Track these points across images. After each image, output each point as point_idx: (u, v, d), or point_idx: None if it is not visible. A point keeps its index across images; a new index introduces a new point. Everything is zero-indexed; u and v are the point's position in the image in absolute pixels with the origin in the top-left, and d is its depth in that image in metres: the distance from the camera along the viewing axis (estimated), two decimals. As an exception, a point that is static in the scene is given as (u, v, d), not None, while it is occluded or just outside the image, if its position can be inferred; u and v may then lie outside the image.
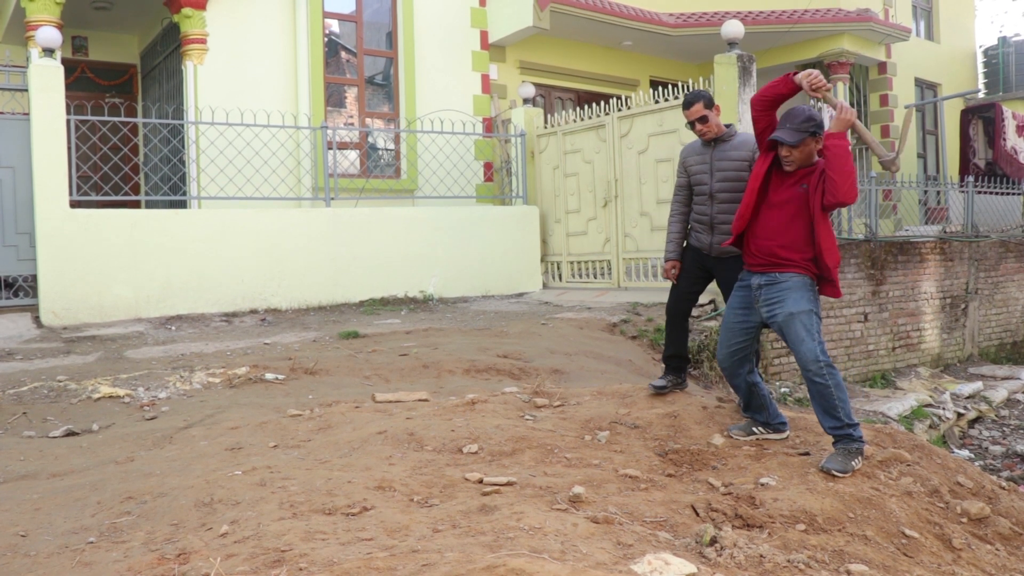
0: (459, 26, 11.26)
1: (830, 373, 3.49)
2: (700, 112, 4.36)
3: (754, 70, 8.12)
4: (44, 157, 7.35)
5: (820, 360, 3.49)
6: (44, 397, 4.91)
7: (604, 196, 9.51)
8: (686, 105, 4.41)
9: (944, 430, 8.12)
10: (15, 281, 7.73)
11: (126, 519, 2.75)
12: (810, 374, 3.52)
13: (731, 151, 4.39)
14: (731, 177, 4.35)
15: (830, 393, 3.48)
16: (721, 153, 4.41)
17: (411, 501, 2.86)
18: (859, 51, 13.66)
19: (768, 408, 3.95)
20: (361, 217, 9.00)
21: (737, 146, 4.39)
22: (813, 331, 3.56)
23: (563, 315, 8.02)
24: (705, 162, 4.45)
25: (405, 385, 5.22)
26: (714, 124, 4.39)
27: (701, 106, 4.36)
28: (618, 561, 2.32)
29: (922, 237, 10.55)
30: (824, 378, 3.48)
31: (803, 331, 3.56)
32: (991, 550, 3.15)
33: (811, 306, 3.60)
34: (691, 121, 4.42)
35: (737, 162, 4.36)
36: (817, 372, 3.48)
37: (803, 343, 3.55)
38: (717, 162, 4.41)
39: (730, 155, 4.39)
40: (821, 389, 3.50)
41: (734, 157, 4.37)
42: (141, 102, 11.48)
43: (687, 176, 4.57)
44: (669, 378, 4.62)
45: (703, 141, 4.49)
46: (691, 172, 4.54)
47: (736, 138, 4.43)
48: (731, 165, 4.37)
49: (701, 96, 4.39)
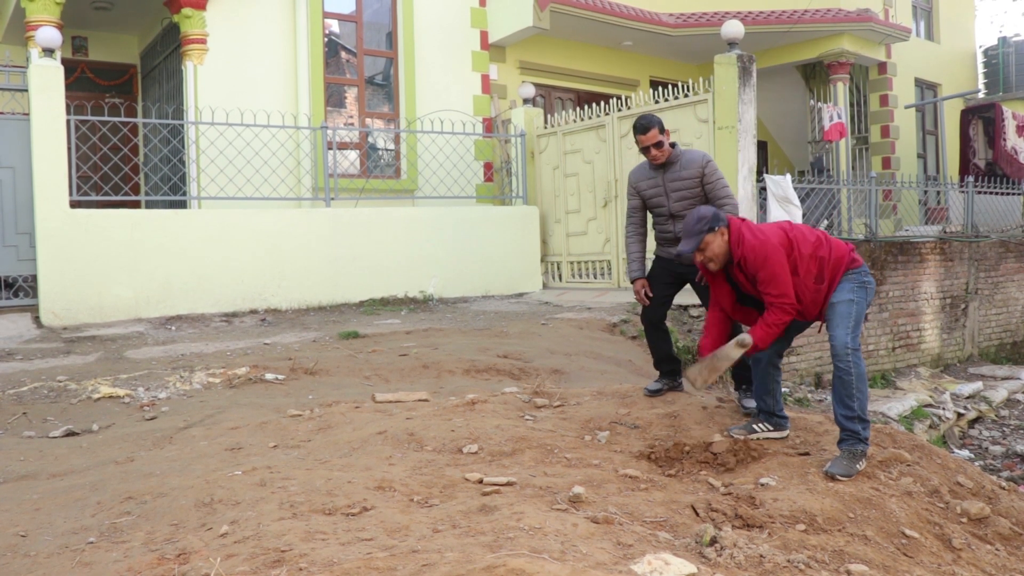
0: (459, 26, 11.26)
1: (856, 361, 3.50)
2: (656, 138, 4.38)
3: (754, 70, 8.13)
4: (44, 157, 7.34)
5: (848, 346, 3.51)
6: (44, 397, 4.91)
7: (604, 196, 9.51)
8: (642, 130, 4.39)
9: (944, 430, 8.12)
10: (15, 281, 7.73)
11: (126, 519, 2.75)
12: (836, 359, 3.54)
13: (682, 171, 4.43)
14: (687, 195, 4.41)
15: (850, 381, 3.48)
16: (673, 175, 4.44)
17: (411, 501, 2.86)
18: (859, 51, 13.66)
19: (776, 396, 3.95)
20: (361, 217, 9.00)
21: (686, 165, 4.43)
22: (849, 319, 3.56)
23: (563, 315, 8.02)
24: (658, 185, 4.49)
25: (405, 385, 5.22)
26: (667, 148, 4.42)
27: (656, 132, 4.37)
28: (618, 561, 2.32)
29: (922, 237, 10.55)
30: (848, 364, 3.49)
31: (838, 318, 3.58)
32: (991, 550, 3.15)
33: (851, 295, 3.61)
34: (645, 146, 4.41)
35: (689, 180, 4.41)
36: (843, 356, 3.50)
37: (836, 328, 3.56)
38: (670, 183, 4.45)
39: (682, 175, 4.42)
40: (843, 375, 3.52)
41: (686, 176, 4.42)
42: (141, 102, 11.48)
43: (640, 199, 4.61)
44: (664, 381, 4.64)
45: (652, 164, 4.50)
46: (645, 195, 4.57)
47: (684, 157, 4.46)
48: (685, 184, 4.42)
49: (655, 122, 4.39)
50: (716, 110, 8.16)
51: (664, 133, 4.41)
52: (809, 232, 3.70)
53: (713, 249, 3.60)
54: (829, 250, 3.64)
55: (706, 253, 3.62)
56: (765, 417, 3.96)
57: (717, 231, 3.59)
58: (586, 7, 11.53)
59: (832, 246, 3.67)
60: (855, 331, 3.56)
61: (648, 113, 4.46)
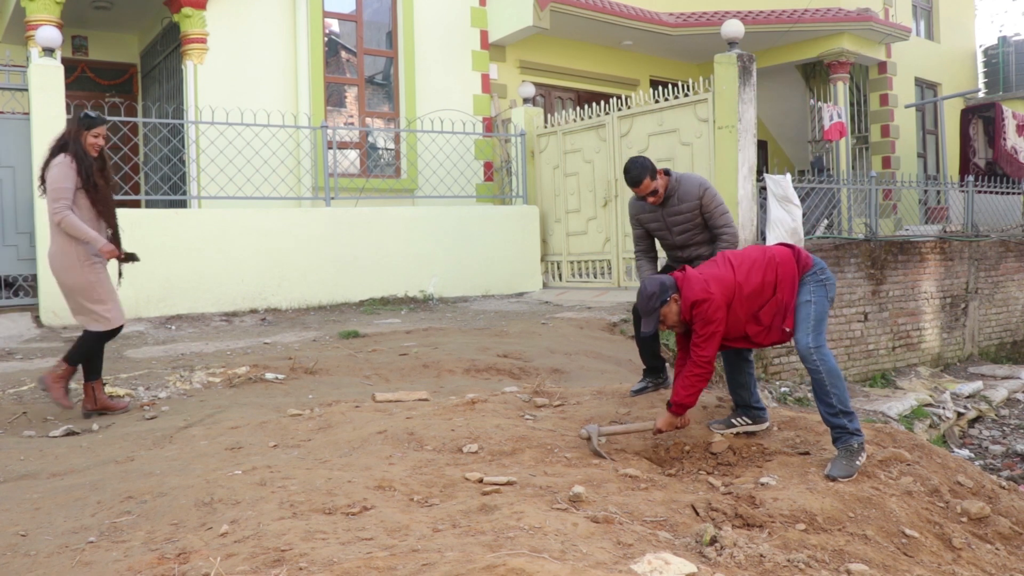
0: (459, 26, 11.26)
1: (821, 358, 3.52)
2: (650, 187, 4.30)
3: (754, 69, 8.12)
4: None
5: (810, 346, 3.55)
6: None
7: (604, 196, 9.51)
8: (633, 183, 4.31)
9: (944, 430, 8.12)
10: (15, 281, 7.73)
11: (126, 519, 2.75)
12: (803, 361, 3.59)
13: (679, 205, 4.39)
14: (689, 227, 4.39)
15: (822, 379, 3.52)
16: (672, 209, 4.41)
17: (411, 501, 2.86)
18: (859, 51, 13.65)
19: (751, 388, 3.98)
20: (361, 217, 9.00)
21: (683, 197, 4.38)
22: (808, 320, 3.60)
23: (563, 315, 8.02)
24: (659, 219, 4.47)
25: (405, 385, 5.22)
26: (661, 189, 4.35)
27: (649, 180, 4.29)
28: (618, 561, 2.32)
29: (922, 237, 10.55)
30: (815, 363, 3.53)
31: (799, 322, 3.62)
32: (991, 549, 3.15)
33: (807, 296, 3.63)
34: (642, 195, 4.37)
35: (688, 213, 4.38)
36: (807, 357, 3.55)
37: (797, 332, 3.61)
38: (670, 218, 4.43)
39: (680, 209, 4.39)
40: (814, 375, 3.56)
41: (685, 210, 4.39)
42: (141, 102, 11.48)
43: (643, 228, 4.59)
44: (648, 380, 4.63)
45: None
46: (648, 228, 4.56)
47: (680, 188, 4.39)
48: (684, 218, 4.40)
49: (646, 169, 4.28)
50: (716, 109, 8.16)
51: (656, 178, 4.31)
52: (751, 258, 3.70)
53: (672, 318, 3.67)
54: (775, 271, 3.64)
55: (667, 324, 3.70)
56: (743, 411, 3.97)
57: (670, 301, 3.64)
58: (586, 6, 11.53)
59: (778, 262, 3.67)
60: (816, 331, 3.59)
61: (636, 158, 4.37)
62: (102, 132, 4.50)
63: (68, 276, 4.48)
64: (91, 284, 4.50)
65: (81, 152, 4.44)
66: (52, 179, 4.40)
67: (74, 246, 4.46)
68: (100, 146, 4.53)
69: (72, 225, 4.39)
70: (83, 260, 4.47)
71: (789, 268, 3.67)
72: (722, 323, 3.59)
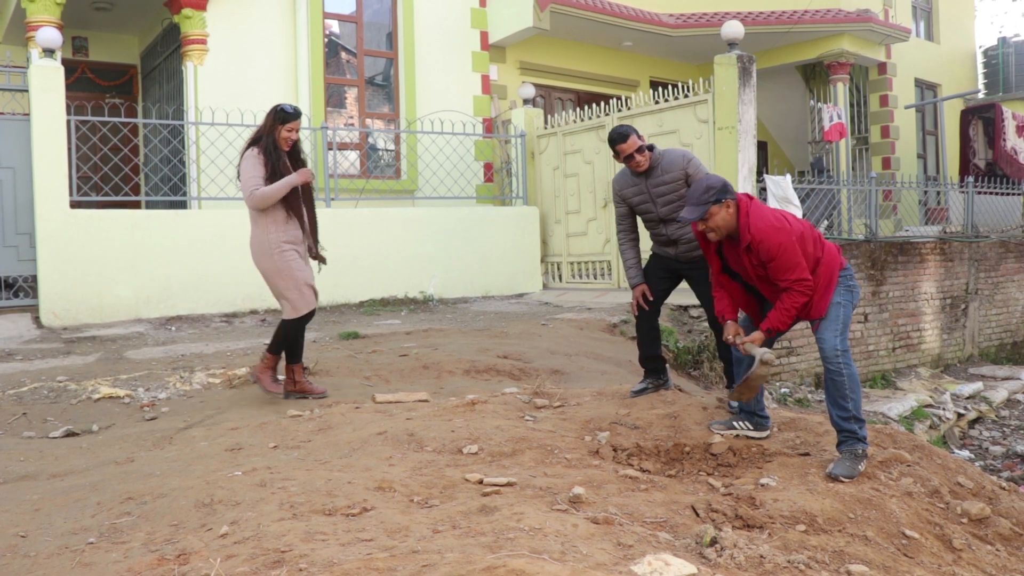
0: (459, 27, 11.26)
1: (845, 363, 3.52)
2: (636, 143, 4.36)
3: (754, 70, 8.13)
4: (44, 158, 7.34)
5: (837, 348, 3.53)
6: (44, 398, 4.91)
7: (604, 197, 9.51)
8: (621, 139, 4.36)
9: (944, 430, 8.12)
10: (15, 282, 7.73)
11: (126, 520, 2.75)
12: (826, 362, 3.56)
13: (664, 175, 4.41)
14: (674, 199, 4.38)
15: (843, 382, 3.51)
16: (656, 180, 4.42)
17: (411, 502, 2.86)
18: (859, 51, 13.66)
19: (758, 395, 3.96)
20: (361, 218, 9.00)
21: (667, 168, 4.41)
22: (838, 322, 3.58)
23: (563, 316, 8.02)
24: (643, 192, 4.47)
25: (405, 386, 5.22)
26: (647, 152, 4.40)
27: (635, 138, 4.36)
28: (618, 562, 2.32)
29: (922, 237, 10.55)
30: (839, 366, 3.51)
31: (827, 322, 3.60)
32: (991, 551, 3.15)
33: (839, 299, 3.62)
34: (628, 154, 4.39)
35: (673, 183, 4.39)
36: (833, 359, 3.52)
37: (825, 332, 3.59)
38: (655, 189, 4.43)
39: (664, 180, 4.41)
40: (834, 377, 3.53)
41: (668, 180, 4.40)
42: (141, 103, 11.48)
43: (626, 206, 4.59)
44: (648, 381, 4.62)
45: (634, 171, 4.48)
46: (632, 203, 4.56)
47: (664, 159, 4.43)
48: (669, 188, 4.40)
49: (631, 129, 4.39)
50: (716, 110, 8.16)
51: (642, 139, 4.40)
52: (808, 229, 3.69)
53: (717, 221, 3.52)
54: (823, 250, 3.64)
55: (709, 223, 3.54)
56: (746, 416, 3.96)
57: (723, 203, 3.51)
58: (586, 7, 11.53)
59: (826, 247, 3.66)
60: (843, 334, 3.58)
61: (623, 124, 4.46)
62: (296, 126, 4.55)
63: (261, 261, 4.60)
64: (279, 270, 4.58)
65: (271, 146, 4.51)
66: (242, 171, 4.53)
67: (267, 233, 4.55)
68: (294, 140, 4.59)
69: (263, 193, 4.44)
70: (274, 246, 4.56)
71: (833, 257, 3.63)
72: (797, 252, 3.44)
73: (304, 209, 4.69)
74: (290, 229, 4.61)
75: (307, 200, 4.75)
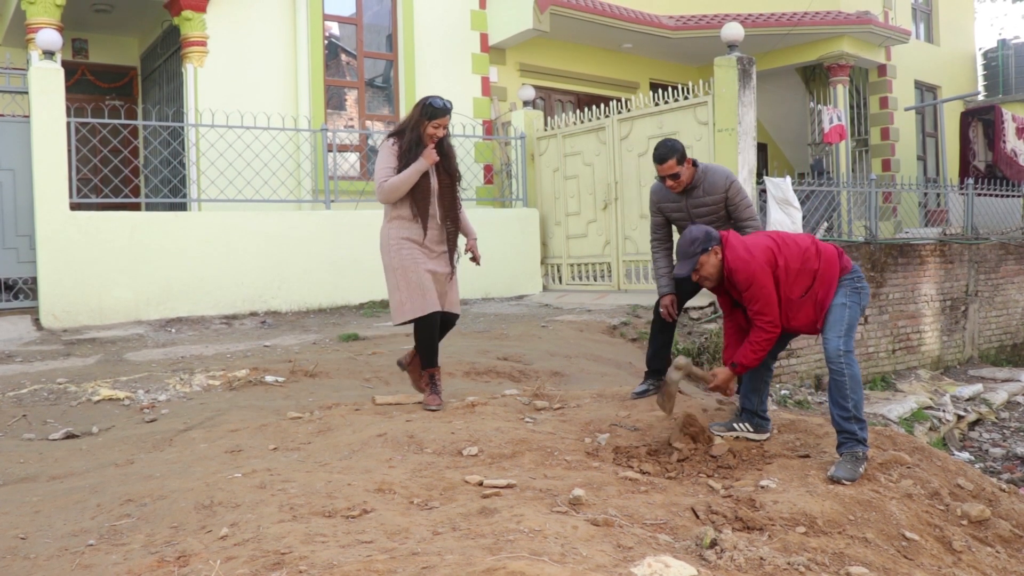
0: (459, 28, 11.27)
1: (848, 363, 3.54)
2: (672, 169, 4.27)
3: (754, 72, 8.13)
4: (44, 160, 7.34)
5: (840, 349, 3.56)
6: (44, 399, 4.90)
7: (604, 199, 9.51)
8: (658, 160, 4.28)
9: (944, 432, 8.12)
10: (15, 283, 7.73)
11: (126, 521, 2.75)
12: (829, 363, 3.59)
13: (705, 196, 4.35)
14: (713, 219, 4.33)
15: (844, 383, 3.53)
16: (696, 200, 4.37)
17: (411, 503, 2.86)
18: (859, 53, 13.67)
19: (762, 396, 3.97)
20: (361, 219, 8.99)
21: (709, 190, 4.34)
22: (842, 323, 3.61)
23: (563, 317, 8.02)
24: (682, 209, 4.43)
25: (405, 388, 5.22)
26: (685, 177, 4.31)
27: (674, 163, 4.25)
28: (618, 564, 2.32)
29: (922, 239, 10.56)
30: (841, 367, 3.54)
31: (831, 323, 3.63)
32: (991, 552, 3.14)
33: (843, 300, 3.64)
34: (663, 176, 4.32)
35: (713, 205, 4.35)
36: (835, 360, 3.55)
37: (829, 332, 3.62)
38: (695, 209, 4.39)
39: (706, 201, 4.36)
40: (836, 377, 3.56)
41: (710, 202, 4.35)
42: (141, 104, 11.48)
43: (663, 216, 4.54)
44: (649, 382, 4.63)
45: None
46: (669, 216, 4.51)
47: (706, 180, 4.35)
48: (709, 210, 4.36)
49: (675, 151, 4.25)
50: (716, 112, 8.16)
51: (683, 163, 4.27)
52: (800, 244, 3.71)
53: (708, 269, 3.68)
54: (819, 261, 3.66)
55: (701, 272, 3.70)
56: (747, 417, 3.96)
57: (711, 251, 3.65)
58: (586, 9, 11.54)
59: (823, 256, 3.68)
60: (848, 335, 3.60)
61: (669, 139, 4.30)
62: (444, 123, 4.31)
63: (382, 255, 4.46)
64: (391, 268, 4.40)
65: (413, 140, 4.31)
66: (377, 163, 4.38)
67: (388, 228, 4.44)
68: (440, 136, 4.37)
69: (391, 185, 4.28)
70: (392, 243, 4.40)
71: (832, 265, 3.67)
72: (766, 287, 3.56)
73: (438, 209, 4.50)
74: (415, 227, 4.42)
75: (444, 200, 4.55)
